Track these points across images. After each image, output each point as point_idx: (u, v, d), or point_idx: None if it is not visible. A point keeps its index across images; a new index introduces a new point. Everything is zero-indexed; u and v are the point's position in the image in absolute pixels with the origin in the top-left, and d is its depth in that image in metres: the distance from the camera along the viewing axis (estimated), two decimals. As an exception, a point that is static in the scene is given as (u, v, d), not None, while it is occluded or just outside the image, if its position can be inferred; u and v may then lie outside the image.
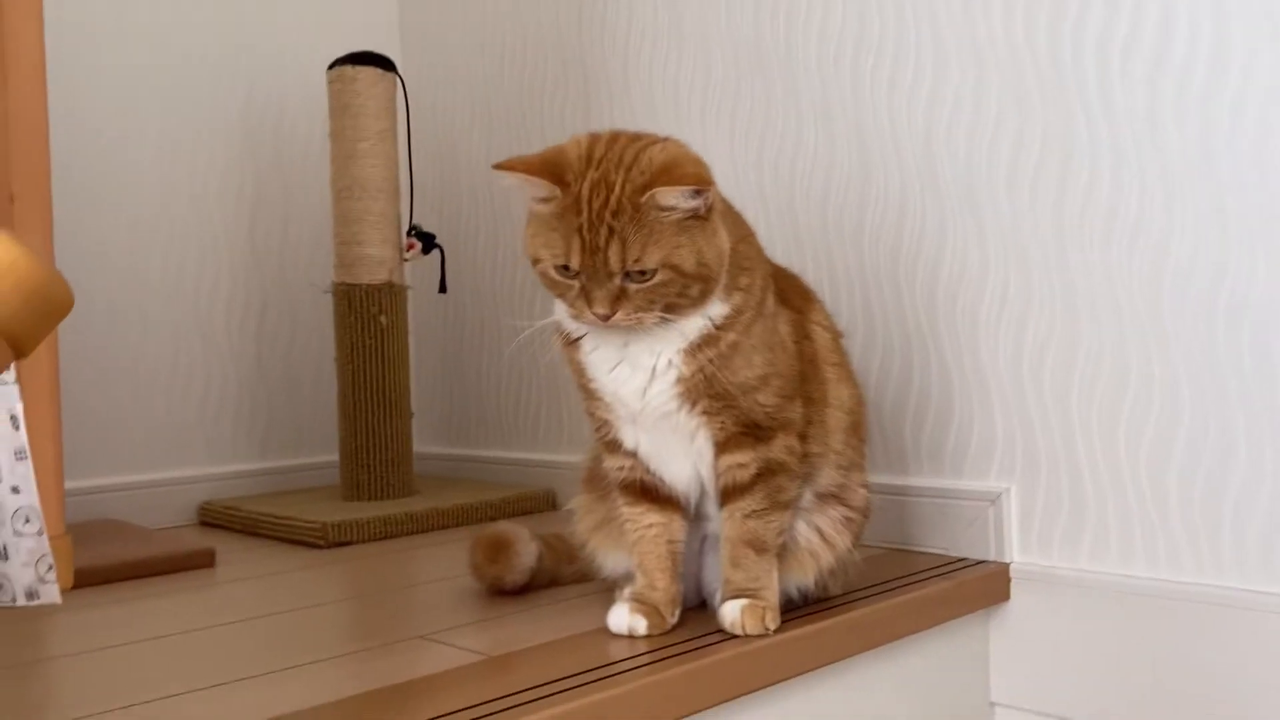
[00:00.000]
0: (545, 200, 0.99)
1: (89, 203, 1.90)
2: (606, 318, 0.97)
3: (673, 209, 0.95)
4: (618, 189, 0.95)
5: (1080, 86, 1.31)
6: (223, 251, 2.07)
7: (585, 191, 0.96)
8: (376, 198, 1.91)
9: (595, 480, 1.20)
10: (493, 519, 1.86)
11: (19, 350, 0.46)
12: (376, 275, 1.91)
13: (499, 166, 0.98)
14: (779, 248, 1.56)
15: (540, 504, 1.95)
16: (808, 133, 1.59)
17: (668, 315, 0.98)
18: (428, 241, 2.00)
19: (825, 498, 1.13)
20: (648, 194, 0.94)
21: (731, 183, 1.65)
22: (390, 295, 1.92)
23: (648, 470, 1.09)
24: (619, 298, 0.96)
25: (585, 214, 0.95)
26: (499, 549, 1.28)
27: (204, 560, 1.53)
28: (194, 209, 2.04)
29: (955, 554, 1.42)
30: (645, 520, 1.09)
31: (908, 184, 1.47)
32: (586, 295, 0.97)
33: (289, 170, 2.17)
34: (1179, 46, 1.23)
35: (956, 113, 1.42)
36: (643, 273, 0.95)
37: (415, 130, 2.16)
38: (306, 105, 2.17)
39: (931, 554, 1.43)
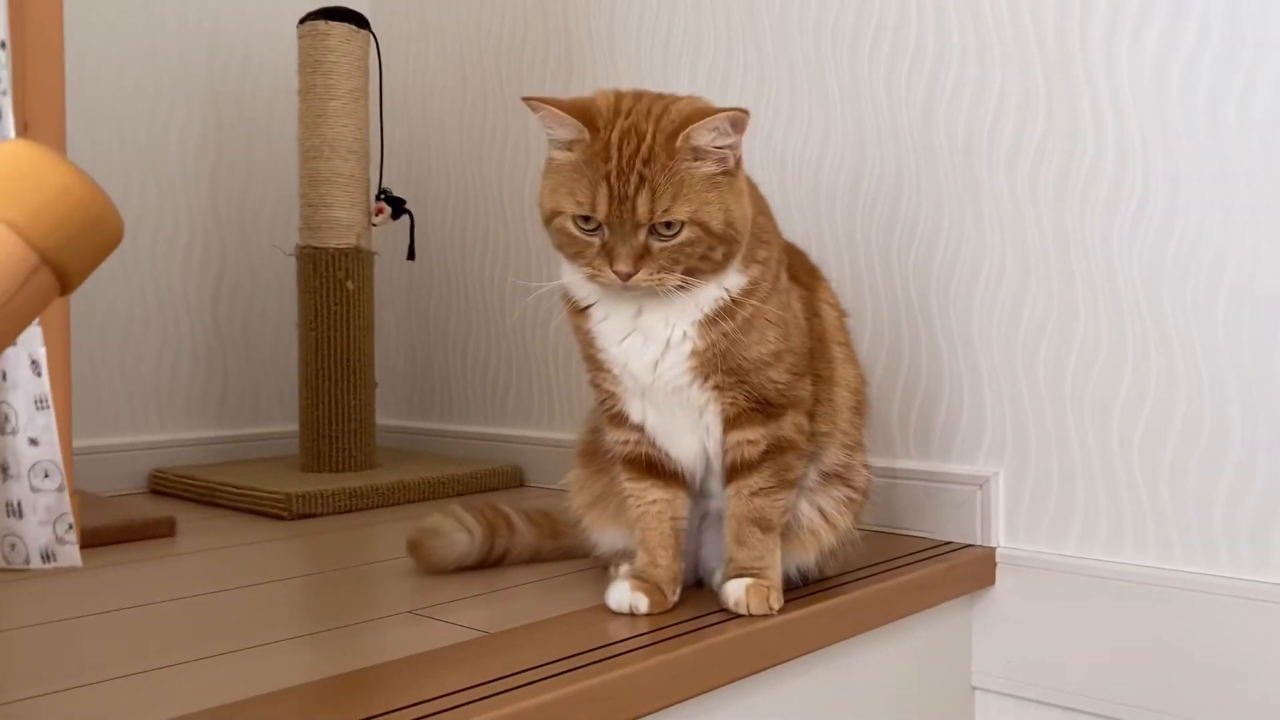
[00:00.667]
0: (570, 146, 0.95)
1: (40, 152, 1.81)
2: (628, 276, 0.92)
3: (706, 155, 0.93)
4: (649, 136, 0.91)
5: (1087, 66, 1.29)
6: (181, 207, 1.99)
7: (615, 138, 0.92)
8: (346, 159, 1.84)
9: (591, 454, 1.16)
10: (459, 494, 1.82)
11: (66, 284, 0.41)
12: (344, 239, 1.85)
13: (530, 99, 0.94)
14: (769, 223, 1.53)
15: (507, 480, 1.91)
16: (801, 104, 1.57)
17: (688, 280, 0.94)
18: (397, 206, 1.94)
19: (830, 477, 1.11)
20: (682, 135, 0.91)
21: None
22: (357, 260, 1.86)
23: (653, 445, 1.06)
24: (643, 255, 0.92)
25: (615, 161, 0.91)
26: (414, 549, 1.24)
27: (164, 529, 1.46)
28: (152, 160, 1.95)
29: (942, 537, 1.41)
30: (649, 496, 1.06)
31: (904, 159, 1.45)
32: (608, 252, 0.93)
33: (253, 125, 2.08)
34: (1190, 29, 1.22)
35: (958, 88, 1.40)
36: (669, 226, 0.92)
37: (386, 91, 2.09)
38: (273, 58, 2.09)
39: (919, 537, 1.42)
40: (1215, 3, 1.20)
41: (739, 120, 0.92)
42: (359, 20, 1.87)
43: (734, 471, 1.04)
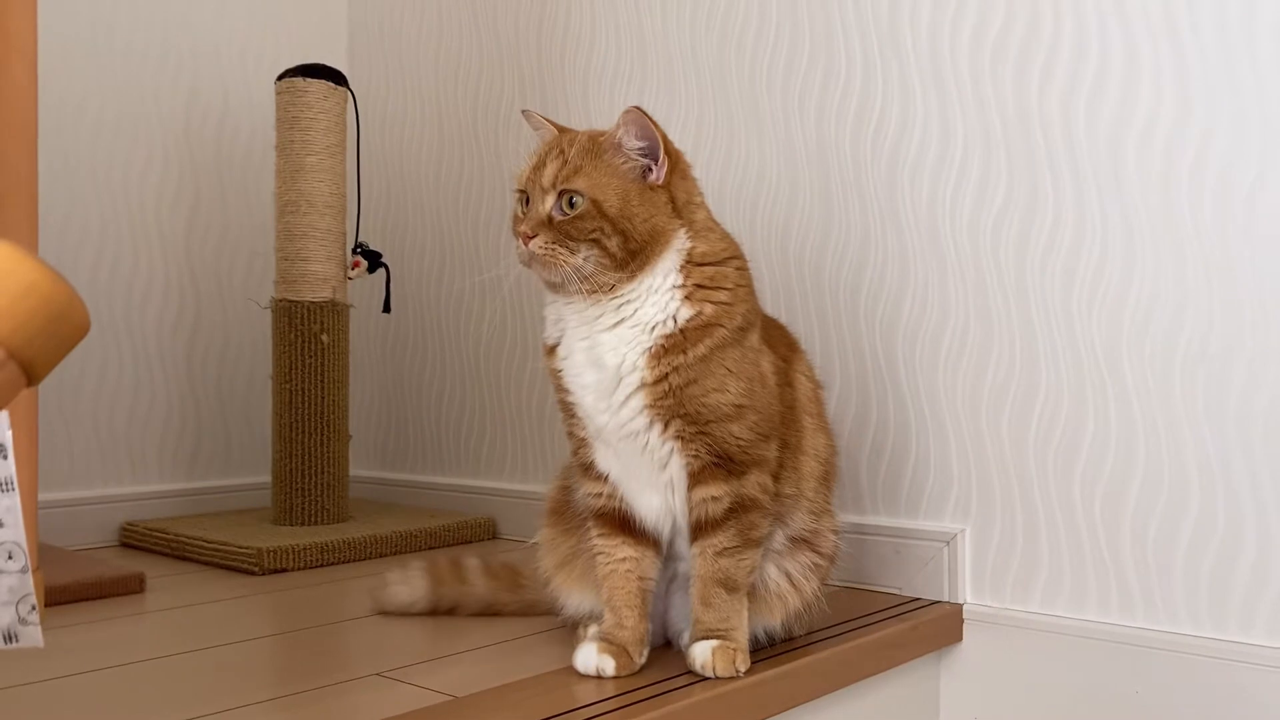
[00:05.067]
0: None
1: (16, 205, 1.82)
2: (528, 239, 1.01)
3: (622, 152, 1.02)
4: (585, 137, 1.05)
5: (1046, 134, 1.33)
6: (157, 259, 2.00)
7: (568, 135, 1.06)
8: (323, 213, 1.86)
9: (560, 512, 1.18)
10: (432, 547, 1.82)
11: (32, 377, 0.42)
12: (319, 292, 1.86)
13: (525, 111, 1.12)
14: (739, 282, 1.55)
15: (481, 532, 1.91)
16: (770, 165, 1.60)
17: (589, 269, 1.00)
18: (373, 260, 1.95)
19: (797, 542, 1.12)
20: (605, 133, 1.04)
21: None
22: (333, 313, 1.86)
23: (622, 499, 1.07)
24: (544, 223, 1.01)
25: (555, 146, 1.04)
26: (371, 595, 1.36)
27: (133, 586, 1.45)
28: (129, 214, 1.96)
29: (910, 594, 1.42)
30: (619, 554, 1.07)
31: (870, 222, 1.48)
32: (521, 219, 1.04)
33: (229, 180, 2.10)
34: (1143, 101, 1.26)
35: (921, 155, 1.44)
36: (572, 204, 1.00)
37: (364, 145, 2.11)
38: (250, 114, 2.11)
39: (887, 593, 1.43)
40: (1166, 73, 1.24)
41: (640, 120, 1.02)
42: (337, 77, 1.89)
43: (699, 530, 1.05)
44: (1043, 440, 1.33)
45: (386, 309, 2.01)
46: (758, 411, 1.05)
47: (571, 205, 1.00)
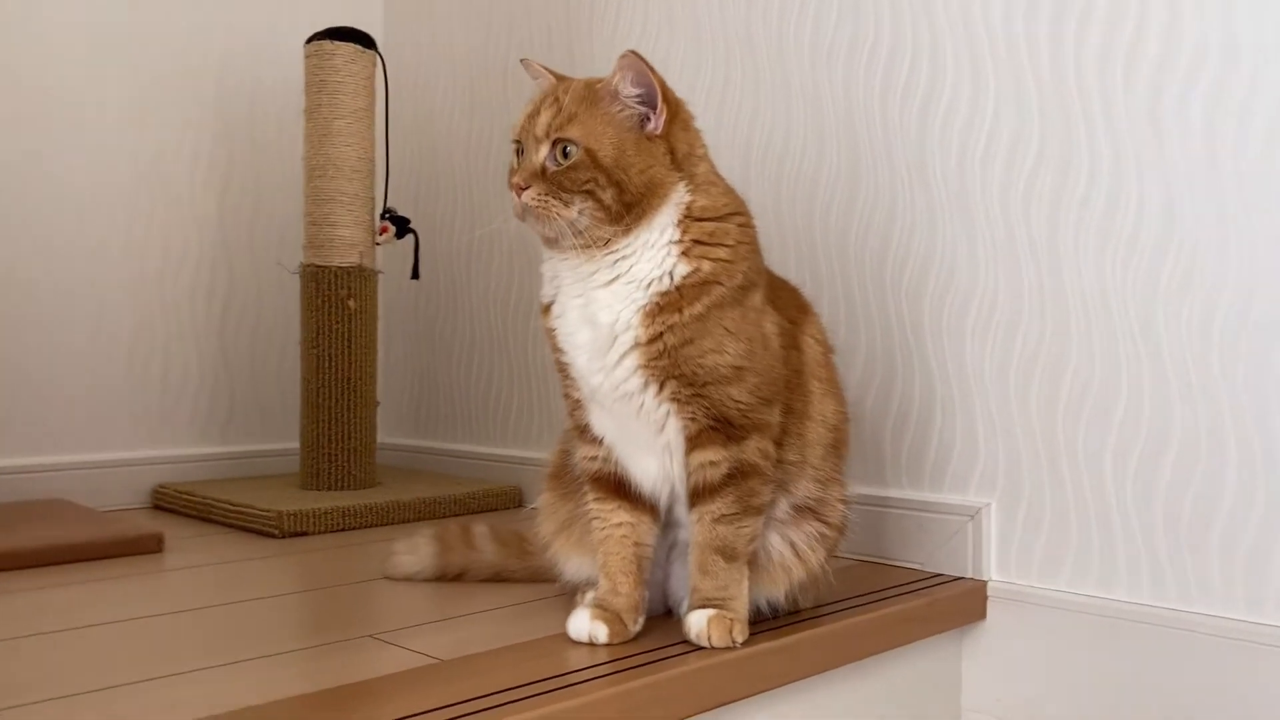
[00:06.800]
0: None
1: (46, 165, 1.83)
2: (521, 190, 0.98)
3: (619, 100, 0.99)
4: (582, 84, 1.01)
5: (1082, 92, 1.26)
6: (189, 225, 2.01)
7: (562, 83, 1.02)
8: (351, 178, 1.85)
9: (561, 476, 1.15)
10: (455, 514, 1.81)
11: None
12: (347, 258, 1.85)
13: (524, 60, 1.11)
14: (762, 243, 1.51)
15: (505, 500, 1.90)
16: (796, 127, 1.55)
17: (584, 222, 0.97)
18: (402, 225, 1.94)
19: (802, 511, 1.08)
20: (602, 80, 1.00)
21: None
22: (360, 279, 1.86)
23: (619, 464, 1.04)
24: (537, 174, 0.98)
25: (550, 94, 1.00)
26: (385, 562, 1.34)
27: (151, 545, 1.46)
28: (161, 180, 1.97)
29: (932, 569, 1.37)
30: (615, 519, 1.04)
31: (898, 184, 1.43)
32: (514, 169, 1.01)
33: (261, 145, 2.10)
34: (1185, 55, 1.19)
35: (951, 114, 1.38)
36: (566, 153, 0.97)
37: (394, 111, 2.10)
38: (282, 79, 2.10)
39: (908, 568, 1.38)
40: (1211, 28, 1.17)
41: (636, 66, 0.98)
42: (365, 40, 1.88)
43: (697, 495, 1.02)
44: (1073, 411, 1.27)
45: (415, 275, 2.00)
46: (758, 374, 1.01)
47: (565, 155, 0.97)
